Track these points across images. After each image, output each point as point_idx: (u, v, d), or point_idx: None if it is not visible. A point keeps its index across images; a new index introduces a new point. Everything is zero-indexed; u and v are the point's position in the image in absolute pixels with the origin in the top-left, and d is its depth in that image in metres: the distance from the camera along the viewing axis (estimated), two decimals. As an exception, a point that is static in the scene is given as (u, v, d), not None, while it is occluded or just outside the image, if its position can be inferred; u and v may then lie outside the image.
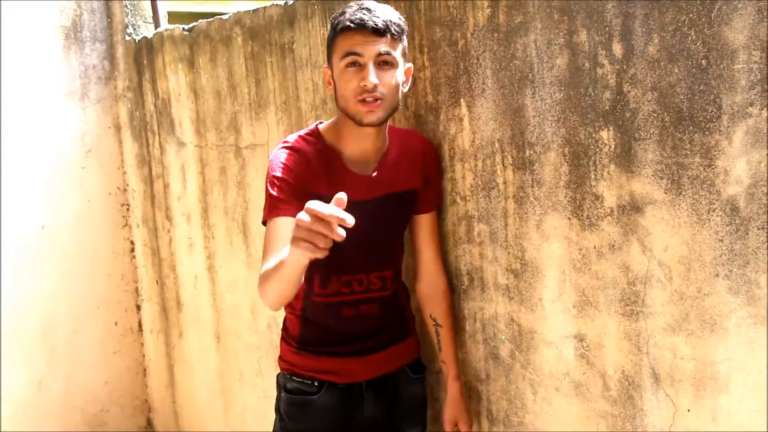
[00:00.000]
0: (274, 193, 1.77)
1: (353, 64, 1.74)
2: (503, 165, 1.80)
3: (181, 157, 3.07)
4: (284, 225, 1.72)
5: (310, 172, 1.80)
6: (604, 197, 1.60)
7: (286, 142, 1.85)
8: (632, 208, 1.56)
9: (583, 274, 1.68)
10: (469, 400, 2.02)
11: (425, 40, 1.93)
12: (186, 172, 3.06)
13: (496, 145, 1.81)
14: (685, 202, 1.46)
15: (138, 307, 3.60)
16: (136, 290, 3.60)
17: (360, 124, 1.77)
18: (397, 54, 1.76)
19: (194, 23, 2.86)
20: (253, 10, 2.52)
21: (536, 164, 1.73)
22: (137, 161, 3.42)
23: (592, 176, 1.62)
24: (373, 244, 1.87)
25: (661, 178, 1.49)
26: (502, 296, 1.87)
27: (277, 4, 2.41)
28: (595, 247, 1.64)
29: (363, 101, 1.74)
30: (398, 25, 1.76)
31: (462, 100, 1.87)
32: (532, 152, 1.73)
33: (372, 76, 1.72)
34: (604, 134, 1.58)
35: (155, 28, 3.34)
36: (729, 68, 1.36)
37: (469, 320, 1.97)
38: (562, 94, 1.64)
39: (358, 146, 1.85)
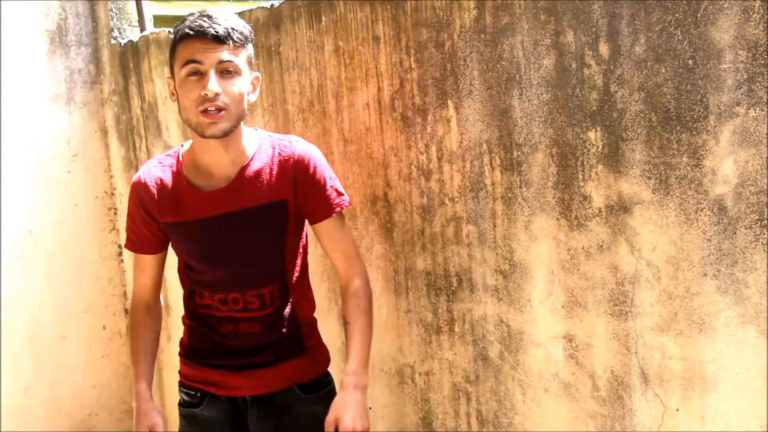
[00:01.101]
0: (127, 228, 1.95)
1: (194, 73, 1.68)
2: (491, 166, 1.80)
3: (168, 161, 3.05)
4: (134, 256, 1.97)
5: (149, 201, 1.86)
6: (592, 198, 1.61)
7: (135, 176, 1.90)
8: (620, 208, 1.56)
9: (572, 274, 1.68)
10: (459, 401, 2.01)
11: (412, 42, 1.93)
12: (173, 175, 3.04)
13: (484, 146, 1.80)
14: (673, 202, 1.47)
15: (126, 311, 3.58)
16: (124, 294, 3.58)
17: (202, 135, 1.72)
18: (241, 62, 1.71)
19: (180, 26, 2.84)
20: (239, 13, 2.51)
21: (524, 165, 1.73)
22: (124, 165, 3.40)
23: (580, 177, 1.62)
24: (237, 261, 1.81)
25: (649, 178, 1.50)
26: (491, 297, 1.87)
27: (262, 7, 2.40)
28: (583, 248, 1.64)
29: (205, 111, 1.68)
30: (241, 33, 1.71)
31: (449, 101, 1.86)
32: (519, 153, 1.73)
33: (213, 85, 1.66)
34: (591, 135, 1.58)
35: (141, 32, 3.32)
36: (715, 68, 1.37)
37: (458, 321, 1.97)
38: (549, 95, 1.64)
39: (210, 159, 1.80)
